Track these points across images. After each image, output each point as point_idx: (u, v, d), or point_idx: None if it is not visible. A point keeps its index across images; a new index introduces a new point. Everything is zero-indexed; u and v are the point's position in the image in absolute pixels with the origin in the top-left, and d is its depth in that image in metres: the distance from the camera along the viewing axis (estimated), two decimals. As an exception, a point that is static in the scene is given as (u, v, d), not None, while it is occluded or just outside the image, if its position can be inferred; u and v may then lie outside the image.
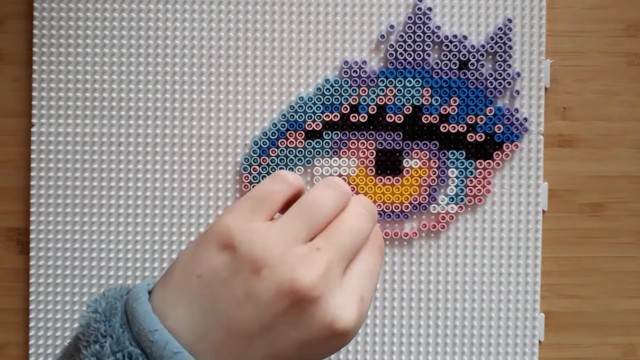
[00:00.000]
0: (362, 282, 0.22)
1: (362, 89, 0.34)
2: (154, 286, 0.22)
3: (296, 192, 0.24)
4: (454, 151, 0.34)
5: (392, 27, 0.34)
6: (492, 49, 0.34)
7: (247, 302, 0.20)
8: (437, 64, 0.34)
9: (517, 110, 0.35)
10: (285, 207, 0.23)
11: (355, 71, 0.34)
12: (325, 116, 0.34)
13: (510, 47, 0.34)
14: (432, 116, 0.34)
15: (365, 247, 0.23)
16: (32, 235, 0.34)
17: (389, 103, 0.34)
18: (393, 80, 0.34)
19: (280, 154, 0.34)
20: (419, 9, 0.34)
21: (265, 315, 0.20)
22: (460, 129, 0.34)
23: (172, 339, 0.20)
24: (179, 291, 0.21)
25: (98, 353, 0.20)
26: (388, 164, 0.34)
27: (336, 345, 0.21)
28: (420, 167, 0.35)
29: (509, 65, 0.34)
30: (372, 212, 0.24)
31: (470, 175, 0.35)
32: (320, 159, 0.34)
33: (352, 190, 0.25)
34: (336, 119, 0.34)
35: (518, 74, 0.34)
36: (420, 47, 0.34)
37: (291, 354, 0.21)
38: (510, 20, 0.34)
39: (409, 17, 0.34)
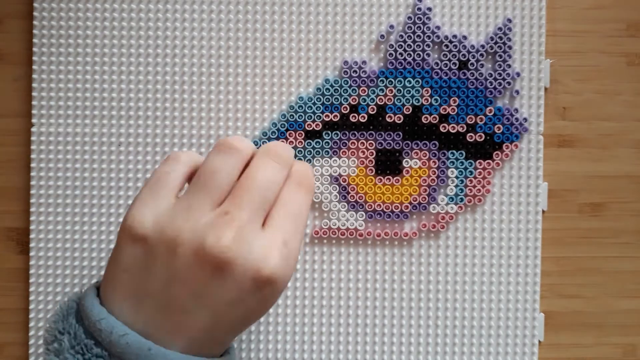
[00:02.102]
0: (282, 225, 0.22)
1: (362, 89, 0.34)
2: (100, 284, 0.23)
3: (193, 167, 0.24)
4: (454, 151, 0.34)
5: (392, 27, 0.34)
6: (492, 49, 0.34)
7: (173, 281, 0.21)
8: (437, 64, 0.34)
9: (517, 110, 0.35)
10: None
11: (355, 71, 0.34)
12: (325, 116, 0.34)
13: (510, 47, 0.34)
14: (432, 116, 0.34)
15: (285, 188, 0.23)
16: (32, 235, 0.34)
17: (388, 103, 0.34)
18: (393, 80, 0.34)
19: (280, 154, 0.34)
20: (419, 9, 0.34)
21: (192, 286, 0.21)
22: (460, 129, 0.34)
23: (118, 323, 0.21)
24: (114, 287, 0.22)
25: (57, 350, 0.21)
26: (388, 164, 0.34)
27: (270, 294, 0.22)
28: (420, 167, 0.35)
29: (509, 65, 0.34)
30: (281, 156, 0.23)
31: (470, 175, 0.35)
32: (320, 159, 0.34)
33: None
34: (336, 119, 0.34)
35: (518, 74, 0.34)
36: (420, 47, 0.34)
37: (230, 315, 0.22)
38: (510, 20, 0.34)
39: (409, 17, 0.34)
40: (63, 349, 0.21)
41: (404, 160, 0.34)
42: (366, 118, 0.34)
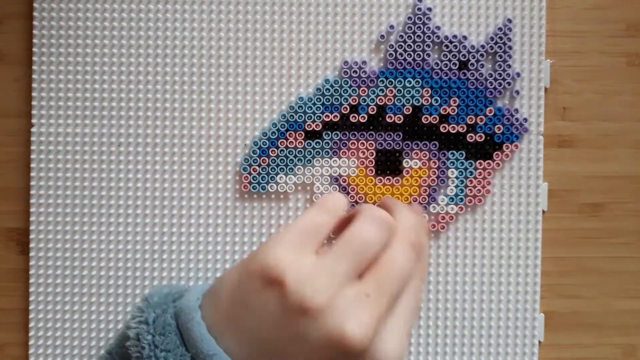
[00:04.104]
0: (407, 319, 0.22)
1: (362, 89, 0.34)
2: (201, 304, 0.22)
3: (339, 219, 0.23)
4: (454, 151, 0.34)
5: (392, 27, 0.34)
6: (492, 49, 0.34)
7: (296, 342, 0.20)
8: (437, 64, 0.34)
9: (517, 110, 0.34)
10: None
11: (355, 71, 0.34)
12: (325, 116, 0.34)
13: (510, 47, 0.34)
14: (432, 116, 0.34)
15: (410, 283, 0.23)
16: (32, 235, 0.34)
17: (388, 103, 0.34)
18: (393, 80, 0.34)
19: (280, 154, 0.34)
20: (419, 9, 0.34)
21: (312, 358, 0.20)
22: (460, 129, 0.34)
23: None
24: (227, 318, 0.21)
25: None
26: (388, 164, 0.34)
27: None
28: (420, 168, 0.35)
29: (509, 66, 0.34)
30: (418, 247, 0.23)
31: (470, 175, 0.34)
32: (320, 159, 0.34)
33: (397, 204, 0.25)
34: (336, 119, 0.34)
35: (518, 74, 0.34)
36: (420, 47, 0.34)
37: None
38: (510, 20, 0.34)
39: (409, 17, 0.34)
40: None
41: (404, 160, 0.34)
42: (366, 118, 0.34)
